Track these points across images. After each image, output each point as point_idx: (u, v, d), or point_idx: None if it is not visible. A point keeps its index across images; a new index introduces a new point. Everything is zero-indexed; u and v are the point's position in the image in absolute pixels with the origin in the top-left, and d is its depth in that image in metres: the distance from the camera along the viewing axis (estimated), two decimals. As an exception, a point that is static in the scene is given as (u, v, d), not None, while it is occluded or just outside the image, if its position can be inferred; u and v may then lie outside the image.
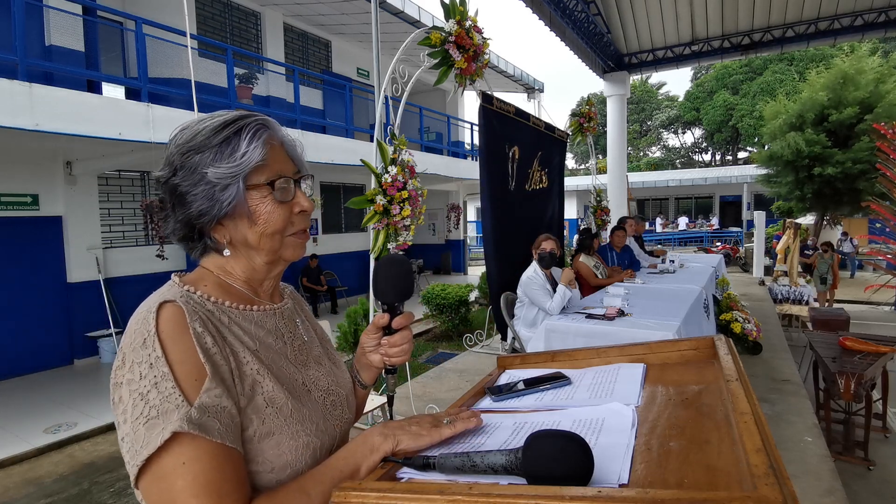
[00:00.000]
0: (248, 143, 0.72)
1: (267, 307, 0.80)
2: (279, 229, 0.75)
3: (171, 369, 0.61)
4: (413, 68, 3.43)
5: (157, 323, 0.64)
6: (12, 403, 5.07)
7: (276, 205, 0.74)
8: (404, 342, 0.87)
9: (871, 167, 9.45)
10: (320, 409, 0.77)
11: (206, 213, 0.72)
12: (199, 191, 0.71)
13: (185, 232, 0.75)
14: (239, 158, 0.71)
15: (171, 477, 0.56)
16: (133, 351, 0.62)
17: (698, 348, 1.01)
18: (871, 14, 8.14)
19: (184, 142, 0.73)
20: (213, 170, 0.70)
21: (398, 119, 3.38)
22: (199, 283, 0.75)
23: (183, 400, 0.59)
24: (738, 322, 4.94)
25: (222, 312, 0.73)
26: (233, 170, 0.71)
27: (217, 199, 0.71)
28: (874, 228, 14.12)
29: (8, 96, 4.13)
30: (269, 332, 0.78)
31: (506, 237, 4.57)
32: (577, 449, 0.57)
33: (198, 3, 8.13)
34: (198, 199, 0.71)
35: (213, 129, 0.72)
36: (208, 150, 0.71)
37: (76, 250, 6.40)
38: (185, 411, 0.58)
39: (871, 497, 3.14)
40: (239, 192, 0.72)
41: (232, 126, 0.73)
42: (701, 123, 33.07)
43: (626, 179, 10.42)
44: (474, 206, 24.35)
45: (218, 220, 0.73)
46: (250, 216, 0.73)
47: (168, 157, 0.74)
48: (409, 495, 0.59)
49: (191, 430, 0.57)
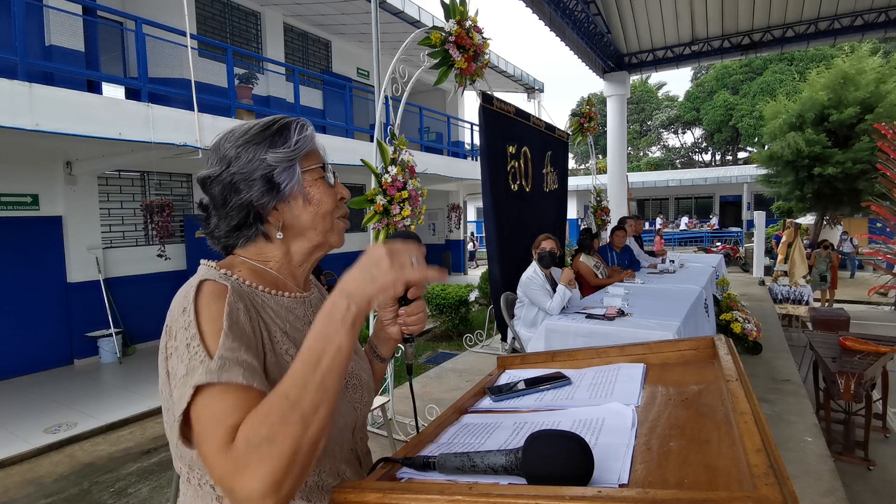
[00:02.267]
0: (298, 134, 0.82)
1: (297, 295, 0.86)
2: (330, 210, 0.85)
3: (200, 330, 0.67)
4: (413, 68, 3.43)
5: (196, 294, 0.71)
6: (12, 403, 5.07)
7: (326, 187, 0.85)
8: (420, 310, 0.91)
9: (872, 167, 9.44)
10: (344, 392, 0.83)
11: (266, 195, 0.79)
12: (258, 176, 0.79)
13: (241, 218, 0.80)
14: (293, 145, 0.81)
15: (196, 422, 0.62)
16: (175, 321, 0.69)
17: (698, 348, 1.01)
18: (871, 14, 8.13)
19: (238, 136, 0.81)
20: (273, 155, 0.79)
21: (398, 119, 3.37)
22: (233, 267, 0.81)
23: (206, 356, 0.64)
24: (738, 322, 4.94)
25: (255, 295, 0.79)
26: (289, 154, 0.80)
27: (276, 182, 0.79)
28: (874, 228, 14.11)
29: (8, 96, 4.13)
30: (297, 317, 0.84)
31: (508, 237, 4.57)
32: (577, 449, 0.57)
33: (198, 3, 8.13)
34: (257, 184, 0.79)
35: (265, 124, 0.82)
36: (263, 141, 0.80)
37: (76, 250, 6.40)
38: (207, 365, 0.63)
39: (871, 497, 3.14)
40: (297, 175, 0.81)
41: (280, 122, 0.83)
42: (701, 123, 33.05)
43: (626, 179, 10.41)
44: (474, 206, 24.36)
45: (275, 205, 0.80)
46: (306, 197, 0.82)
47: (219, 155, 0.81)
48: (409, 495, 0.59)
49: (210, 380, 0.62)
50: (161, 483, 3.56)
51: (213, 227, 0.83)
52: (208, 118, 5.69)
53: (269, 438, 0.57)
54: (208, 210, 0.83)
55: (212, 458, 0.58)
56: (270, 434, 0.57)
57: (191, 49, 5.43)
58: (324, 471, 0.78)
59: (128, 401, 5.02)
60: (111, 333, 6.38)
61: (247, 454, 0.56)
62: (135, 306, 6.89)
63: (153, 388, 5.32)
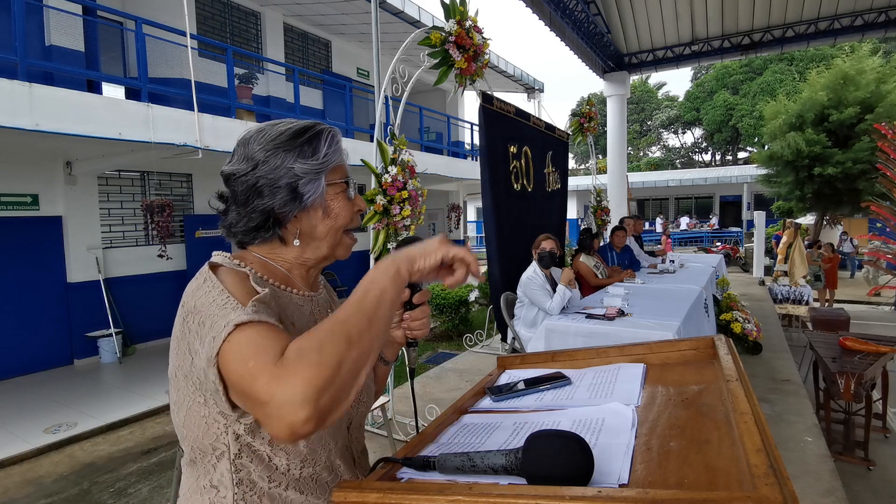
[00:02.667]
0: (328, 147, 0.83)
1: (305, 293, 0.88)
2: (345, 224, 0.87)
3: (228, 290, 0.71)
4: (413, 68, 3.43)
5: (215, 274, 0.74)
6: (12, 403, 5.07)
7: (345, 202, 0.86)
8: (424, 315, 0.94)
9: (872, 167, 9.45)
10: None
11: (288, 203, 0.80)
12: (284, 183, 0.80)
13: (261, 221, 0.81)
14: (322, 157, 0.82)
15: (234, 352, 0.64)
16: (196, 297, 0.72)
17: (698, 348, 1.01)
18: (871, 14, 8.13)
19: (269, 139, 0.81)
20: (301, 165, 0.80)
21: (398, 119, 3.37)
22: (244, 259, 0.83)
23: (238, 304, 0.68)
24: (738, 322, 4.93)
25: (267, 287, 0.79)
26: (317, 166, 0.81)
27: (301, 192, 0.80)
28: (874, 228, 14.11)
29: (8, 96, 4.12)
30: (303, 315, 0.85)
31: (508, 237, 4.57)
32: (577, 449, 0.57)
33: (198, 3, 8.13)
34: (281, 191, 0.80)
35: (296, 131, 0.82)
36: (293, 149, 0.81)
37: (76, 250, 6.39)
38: (243, 309, 0.67)
39: (871, 497, 3.14)
40: (321, 188, 0.82)
41: (312, 130, 0.83)
42: (701, 123, 33.05)
43: (626, 179, 10.41)
44: (474, 206, 24.34)
45: (296, 213, 0.82)
46: (325, 209, 0.84)
47: (246, 153, 0.81)
48: (409, 495, 0.59)
49: (248, 318, 0.65)
50: (161, 483, 3.56)
51: (232, 223, 0.84)
52: (208, 118, 5.69)
53: (318, 348, 0.60)
54: (227, 203, 0.84)
55: (259, 372, 0.60)
56: (319, 344, 0.61)
57: (191, 49, 5.43)
58: (318, 463, 0.79)
59: (128, 401, 5.01)
60: (111, 333, 6.37)
61: (296, 361, 0.59)
62: (135, 306, 6.89)
63: (153, 388, 5.33)
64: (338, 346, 0.61)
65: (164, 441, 4.26)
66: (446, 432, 0.85)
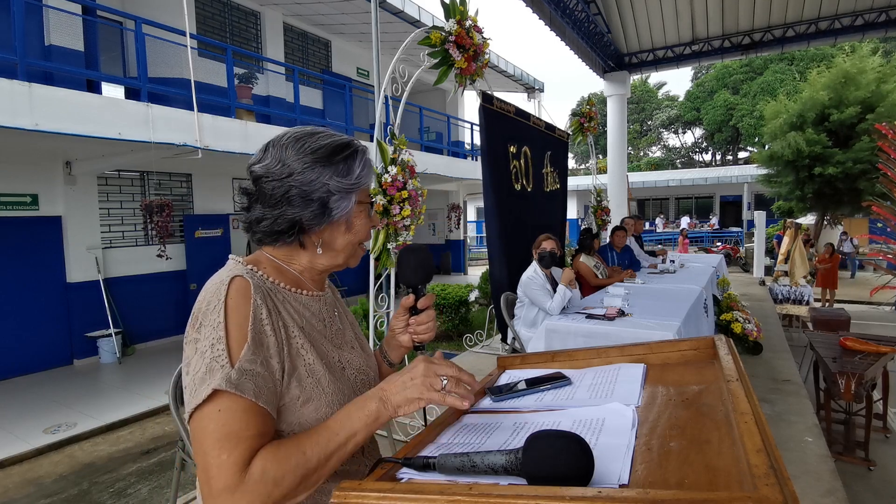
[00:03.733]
0: (361, 168, 0.87)
1: (314, 293, 0.92)
2: (363, 239, 0.92)
3: (227, 333, 0.73)
4: (413, 68, 3.42)
5: (227, 292, 0.76)
6: (12, 403, 5.07)
7: (366, 219, 0.91)
8: (429, 320, 0.97)
9: (872, 167, 9.45)
10: (351, 385, 0.89)
11: (317, 216, 0.83)
12: (317, 197, 0.82)
13: (287, 227, 0.83)
14: (355, 178, 0.85)
15: (206, 420, 0.69)
16: (204, 314, 0.75)
17: (698, 348, 1.01)
18: (871, 14, 8.13)
19: (309, 151, 0.83)
20: (336, 182, 0.83)
21: (398, 119, 3.37)
22: (258, 264, 0.86)
23: (227, 361, 0.71)
24: (738, 322, 4.93)
25: (277, 291, 0.84)
26: (350, 185, 0.85)
27: (331, 207, 0.84)
28: (874, 228, 14.11)
29: (8, 96, 4.13)
30: (313, 314, 0.89)
31: (508, 238, 4.56)
32: (578, 449, 0.57)
33: (197, 3, 8.13)
34: (313, 204, 0.83)
35: (335, 148, 0.85)
36: (331, 165, 0.83)
37: (76, 250, 6.40)
38: (227, 372, 0.70)
39: (872, 497, 3.14)
40: (350, 205, 0.86)
41: (349, 149, 0.86)
42: (701, 123, 33.05)
43: (627, 179, 10.41)
44: (474, 206, 24.34)
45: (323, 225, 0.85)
46: (349, 225, 0.88)
47: (280, 158, 0.83)
48: (409, 495, 0.58)
49: (228, 388, 0.69)
50: (161, 483, 3.56)
51: (255, 221, 0.85)
52: (208, 118, 5.69)
53: (277, 481, 0.67)
54: (252, 200, 0.85)
55: (219, 468, 0.66)
56: (280, 477, 0.67)
57: (190, 49, 5.43)
58: None
59: (127, 401, 5.02)
60: (111, 333, 6.38)
61: (256, 484, 0.66)
62: (134, 306, 6.89)
63: (153, 388, 5.33)
64: (294, 481, 0.68)
65: (164, 441, 4.26)
66: (446, 432, 0.84)
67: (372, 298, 3.28)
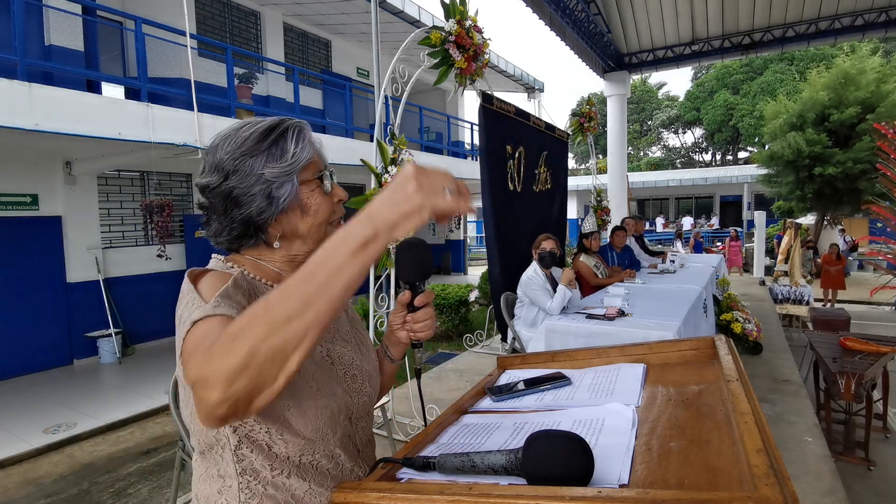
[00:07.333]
0: (295, 145, 0.81)
1: None
2: (326, 218, 0.85)
3: (198, 292, 0.74)
4: (413, 68, 3.42)
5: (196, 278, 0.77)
6: (12, 403, 5.07)
7: (322, 196, 0.84)
8: (427, 318, 0.93)
9: (872, 167, 9.44)
10: (339, 380, 0.85)
11: (265, 210, 0.80)
12: (257, 191, 0.79)
13: (243, 230, 0.82)
14: (290, 158, 0.80)
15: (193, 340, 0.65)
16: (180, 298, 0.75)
17: (699, 348, 1.01)
18: (871, 14, 8.13)
19: (234, 148, 0.80)
20: (270, 170, 0.79)
21: (398, 119, 3.37)
22: (238, 262, 0.85)
23: (202, 302, 0.71)
24: (738, 322, 4.93)
25: (257, 286, 0.83)
26: (287, 168, 0.80)
27: (275, 196, 0.79)
28: (874, 228, 14.10)
29: (7, 96, 4.12)
30: None
31: (508, 238, 4.56)
32: (578, 449, 0.57)
33: (197, 3, 8.13)
34: (256, 199, 0.79)
35: (260, 134, 0.80)
36: (260, 154, 0.79)
37: (76, 250, 6.39)
38: (203, 307, 0.69)
39: (872, 497, 3.14)
40: (294, 188, 0.80)
41: (277, 130, 0.81)
42: (701, 123, 33.03)
43: (627, 179, 10.41)
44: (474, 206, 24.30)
45: (275, 217, 0.81)
46: (303, 209, 0.83)
47: (214, 164, 0.81)
48: (409, 495, 0.58)
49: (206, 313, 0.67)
50: (161, 483, 3.56)
51: (216, 233, 0.84)
52: (208, 118, 5.68)
53: (234, 336, 0.56)
54: (209, 213, 0.84)
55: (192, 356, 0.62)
56: (237, 332, 0.56)
57: (190, 49, 5.43)
58: (317, 451, 0.80)
59: (127, 401, 5.01)
60: (111, 333, 6.37)
61: (214, 346, 0.57)
62: (134, 306, 6.89)
63: (153, 387, 5.33)
64: (253, 334, 0.55)
65: (164, 441, 4.25)
66: (446, 432, 0.84)
67: (372, 298, 3.28)
